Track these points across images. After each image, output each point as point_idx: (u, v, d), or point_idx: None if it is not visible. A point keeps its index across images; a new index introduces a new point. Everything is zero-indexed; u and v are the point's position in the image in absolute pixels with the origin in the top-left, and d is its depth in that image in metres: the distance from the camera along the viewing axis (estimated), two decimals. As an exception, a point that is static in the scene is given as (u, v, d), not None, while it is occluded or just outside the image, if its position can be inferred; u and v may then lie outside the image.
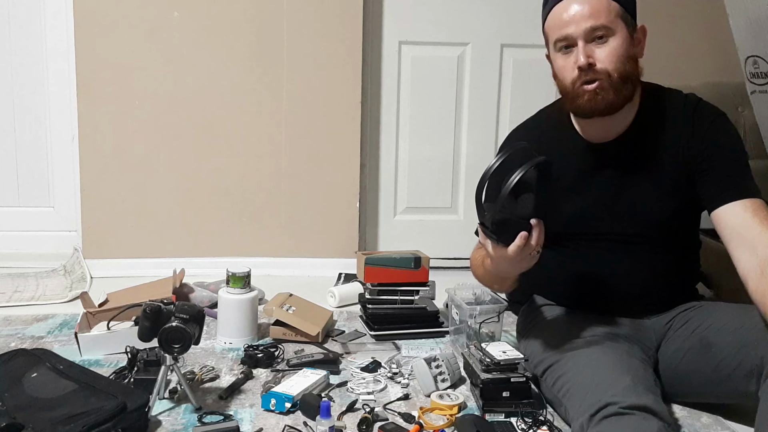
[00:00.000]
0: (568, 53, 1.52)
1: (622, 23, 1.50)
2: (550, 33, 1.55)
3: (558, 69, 1.57)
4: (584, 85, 1.51)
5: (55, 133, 2.93)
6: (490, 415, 1.58)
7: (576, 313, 1.68)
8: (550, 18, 1.55)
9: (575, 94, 1.53)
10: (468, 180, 3.03)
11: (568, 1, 1.51)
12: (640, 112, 1.60)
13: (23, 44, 2.87)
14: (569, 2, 1.50)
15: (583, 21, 1.48)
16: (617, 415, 1.27)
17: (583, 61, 1.48)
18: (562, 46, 1.53)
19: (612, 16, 1.49)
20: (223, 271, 2.03)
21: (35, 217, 2.98)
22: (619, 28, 1.50)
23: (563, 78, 1.55)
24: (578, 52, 1.49)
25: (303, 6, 2.78)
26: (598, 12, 1.48)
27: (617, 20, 1.50)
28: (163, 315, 1.56)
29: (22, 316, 2.25)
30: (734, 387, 1.46)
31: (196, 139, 2.81)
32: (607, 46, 1.49)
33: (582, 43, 1.49)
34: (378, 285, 2.11)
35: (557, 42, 1.53)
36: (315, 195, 2.88)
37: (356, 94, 2.85)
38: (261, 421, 1.55)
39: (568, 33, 1.50)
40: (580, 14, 1.48)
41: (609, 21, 1.48)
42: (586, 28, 1.48)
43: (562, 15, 1.51)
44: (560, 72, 1.56)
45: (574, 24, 1.49)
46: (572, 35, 1.50)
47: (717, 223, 1.52)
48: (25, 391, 1.49)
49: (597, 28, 1.48)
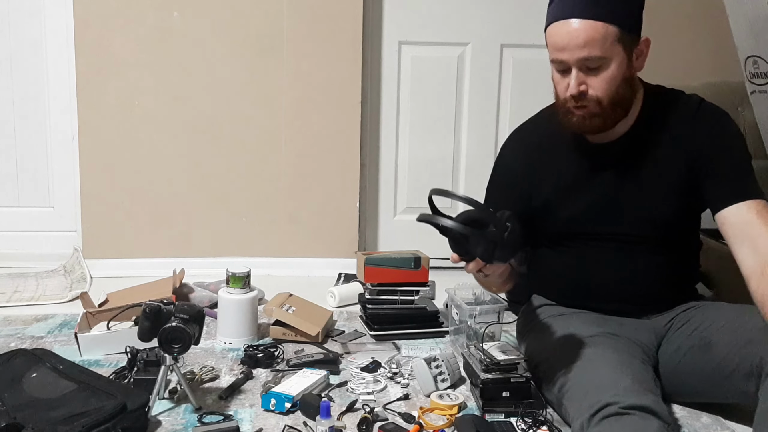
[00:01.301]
0: (563, 75, 1.52)
1: (618, 47, 1.47)
2: (548, 47, 1.53)
3: (554, 80, 1.57)
4: (575, 108, 1.52)
5: (55, 133, 2.93)
6: (490, 415, 1.58)
7: (576, 313, 1.68)
8: (548, 33, 1.52)
9: (566, 111, 1.55)
10: (468, 180, 3.02)
11: (564, 22, 1.46)
12: (643, 113, 1.59)
13: (23, 44, 2.87)
14: (565, 26, 1.46)
15: (577, 50, 1.45)
16: (617, 415, 1.27)
17: (574, 91, 1.49)
18: (557, 68, 1.52)
19: (608, 43, 1.45)
20: (223, 271, 2.03)
21: (35, 217, 2.98)
22: (615, 53, 1.47)
23: (557, 92, 1.57)
24: (571, 79, 1.49)
25: (303, 6, 2.77)
26: (593, 41, 1.44)
27: (613, 46, 1.46)
28: (163, 315, 1.56)
29: (22, 316, 2.25)
30: (734, 387, 1.46)
31: (196, 138, 2.81)
32: (601, 74, 1.48)
33: (575, 71, 1.48)
34: (378, 285, 2.11)
35: (553, 61, 1.53)
36: (315, 195, 2.88)
37: (356, 94, 2.85)
38: (261, 421, 1.55)
39: (562, 58, 1.49)
40: (575, 43, 1.45)
41: (603, 50, 1.45)
42: (579, 58, 1.46)
43: (557, 39, 1.48)
44: (555, 84, 1.57)
45: (568, 51, 1.47)
46: (566, 61, 1.48)
47: (721, 224, 1.52)
48: (25, 391, 1.49)
49: (590, 59, 1.46)
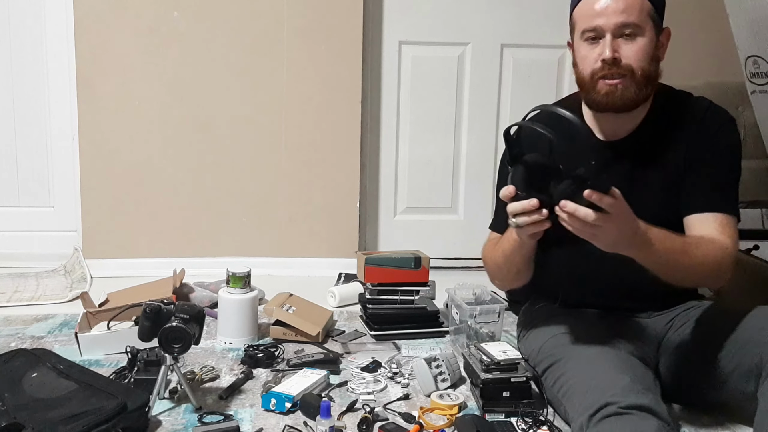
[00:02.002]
0: (593, 44, 1.52)
1: (651, 23, 1.50)
2: (578, 21, 1.55)
3: (580, 58, 1.56)
4: (604, 78, 1.51)
5: (55, 133, 2.93)
6: (490, 415, 1.57)
7: (576, 313, 1.68)
8: (581, 6, 1.54)
9: (592, 86, 1.54)
10: (468, 180, 3.03)
11: None
12: (651, 112, 1.60)
13: (23, 44, 2.87)
14: None
15: (614, 15, 1.48)
16: (617, 414, 1.27)
17: (608, 55, 1.48)
18: (589, 37, 1.52)
19: (644, 14, 1.49)
20: (223, 271, 2.03)
21: (35, 217, 2.98)
22: (648, 27, 1.50)
23: (583, 68, 1.55)
24: (605, 45, 1.49)
25: (303, 6, 2.77)
26: (631, 8, 1.48)
27: (647, 19, 1.50)
28: (163, 315, 1.56)
29: (22, 316, 2.25)
30: (734, 387, 1.46)
31: (196, 138, 2.81)
32: (635, 43, 1.49)
33: (610, 37, 1.49)
34: (378, 285, 2.11)
35: (584, 32, 1.53)
36: (315, 195, 2.88)
37: (356, 94, 2.85)
38: (261, 421, 1.55)
39: (597, 24, 1.49)
40: (613, 8, 1.48)
41: (640, 19, 1.48)
42: (617, 23, 1.48)
43: (594, 5, 1.50)
44: (581, 61, 1.56)
45: (605, 16, 1.48)
46: (601, 27, 1.49)
47: (687, 227, 1.56)
48: (25, 391, 1.48)
49: (627, 25, 1.48)
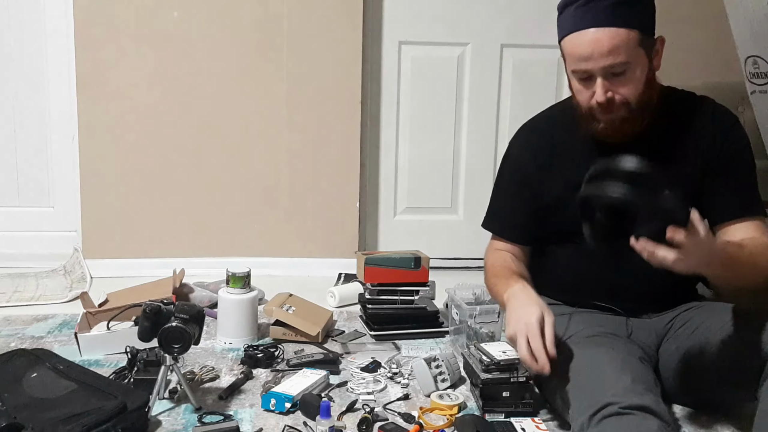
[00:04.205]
0: (586, 82, 1.49)
1: (640, 51, 1.45)
2: (567, 58, 1.51)
3: (575, 90, 1.54)
4: (602, 114, 1.49)
5: (55, 133, 2.93)
6: (490, 415, 1.57)
7: (576, 313, 1.67)
8: (567, 44, 1.49)
9: (591, 117, 1.52)
10: (468, 180, 3.03)
11: (584, 32, 1.43)
12: (658, 113, 1.58)
13: (23, 44, 2.87)
14: (586, 35, 1.43)
15: (601, 59, 1.43)
16: (617, 415, 1.27)
17: (602, 99, 1.46)
18: (580, 78, 1.49)
19: (630, 47, 1.43)
20: (223, 271, 2.03)
21: (35, 217, 2.98)
22: (639, 58, 1.45)
23: (579, 100, 1.53)
24: (597, 87, 1.46)
25: (303, 6, 2.77)
26: (617, 48, 1.41)
27: (636, 50, 1.44)
28: (163, 315, 1.56)
29: (22, 316, 2.25)
30: (734, 387, 1.46)
31: (196, 138, 2.81)
32: (626, 79, 1.45)
33: (600, 80, 1.45)
34: (378, 285, 2.11)
35: (574, 72, 1.49)
36: (315, 195, 2.88)
37: (356, 94, 2.85)
38: (261, 421, 1.55)
39: (586, 68, 1.46)
40: (599, 52, 1.42)
41: (628, 55, 1.43)
42: (605, 66, 1.43)
43: (579, 50, 1.45)
44: (576, 93, 1.54)
45: (592, 61, 1.43)
46: (591, 71, 1.46)
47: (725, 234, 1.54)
48: (25, 391, 1.49)
49: (615, 66, 1.43)
